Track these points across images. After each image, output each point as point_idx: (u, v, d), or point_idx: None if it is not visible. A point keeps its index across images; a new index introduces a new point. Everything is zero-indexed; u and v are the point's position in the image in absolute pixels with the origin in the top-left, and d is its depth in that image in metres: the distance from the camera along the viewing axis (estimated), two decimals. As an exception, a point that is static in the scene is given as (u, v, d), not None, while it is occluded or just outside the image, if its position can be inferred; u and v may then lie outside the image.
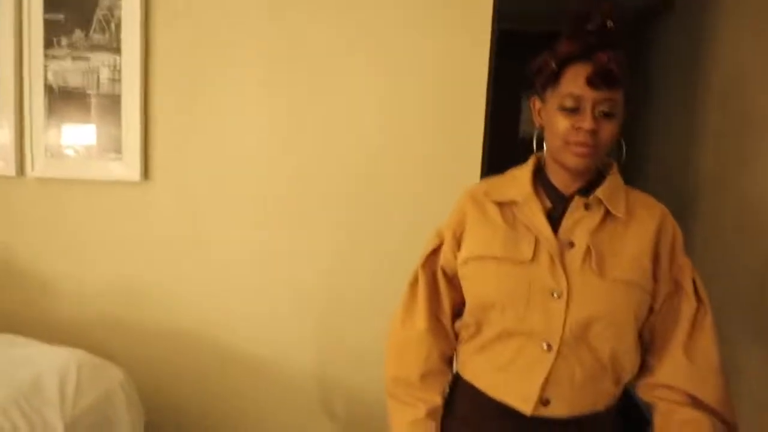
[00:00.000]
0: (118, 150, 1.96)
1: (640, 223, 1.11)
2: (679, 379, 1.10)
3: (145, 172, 1.98)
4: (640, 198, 1.16)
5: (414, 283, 1.25)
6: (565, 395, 1.09)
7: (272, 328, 2.02)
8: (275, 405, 2.04)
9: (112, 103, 1.93)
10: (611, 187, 1.11)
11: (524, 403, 1.09)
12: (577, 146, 1.05)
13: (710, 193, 2.37)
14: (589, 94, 1.02)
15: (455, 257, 1.19)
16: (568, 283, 1.06)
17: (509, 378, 1.11)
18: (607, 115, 1.04)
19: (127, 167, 1.96)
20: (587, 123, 1.02)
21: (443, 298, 1.23)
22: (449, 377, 1.26)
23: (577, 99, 1.04)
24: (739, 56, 2.17)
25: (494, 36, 1.86)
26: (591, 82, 1.02)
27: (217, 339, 2.03)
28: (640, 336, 1.14)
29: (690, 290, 1.11)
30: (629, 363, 1.12)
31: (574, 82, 1.04)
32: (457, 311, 1.24)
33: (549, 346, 1.07)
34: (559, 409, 1.09)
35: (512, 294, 1.09)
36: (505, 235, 1.12)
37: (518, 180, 1.17)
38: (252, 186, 1.97)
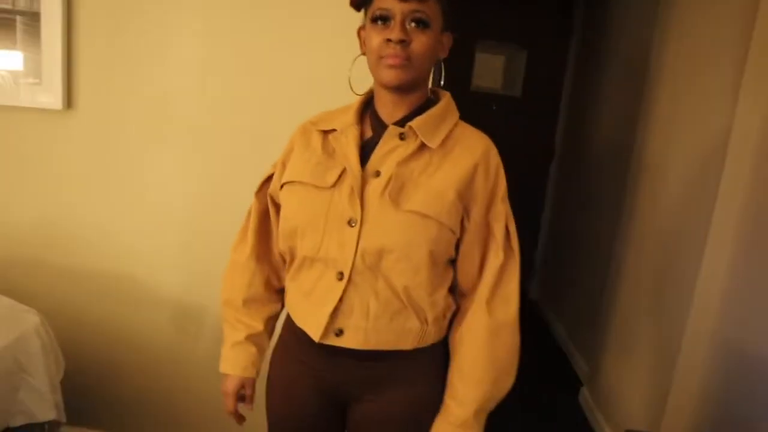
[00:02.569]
0: (37, 75, 1.79)
1: (457, 158, 1.08)
2: (478, 330, 1.11)
3: (68, 100, 1.82)
4: (468, 133, 1.13)
5: (249, 210, 1.26)
6: (359, 326, 1.08)
7: (198, 274, 1.91)
8: (196, 346, 1.96)
9: (34, 22, 1.75)
10: (431, 117, 1.08)
11: (316, 331, 1.09)
12: (388, 58, 1.02)
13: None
14: (397, 6, 1.01)
15: (280, 185, 1.18)
16: (363, 212, 1.04)
17: (309, 305, 1.12)
18: (420, 27, 1.02)
19: (48, 94, 1.79)
20: (396, 33, 1.00)
21: (274, 226, 1.23)
22: (278, 306, 1.27)
23: (387, 11, 1.02)
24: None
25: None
26: None
27: (138, 281, 1.93)
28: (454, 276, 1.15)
29: (500, 239, 1.10)
30: (427, 300, 1.09)
31: None
32: None
33: (341, 275, 1.06)
34: (353, 341, 1.08)
35: (311, 219, 1.08)
36: (317, 162, 1.10)
37: (348, 110, 1.14)
38: (181, 120, 1.83)
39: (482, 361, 1.10)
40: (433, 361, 1.17)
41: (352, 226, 1.04)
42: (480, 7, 3.73)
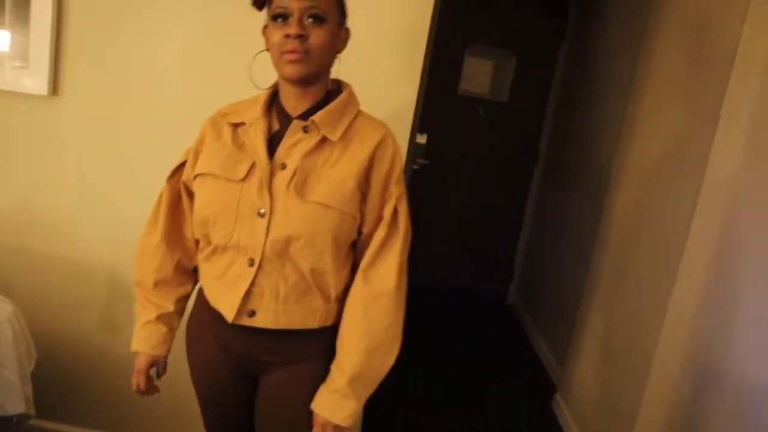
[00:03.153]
0: (24, 58, 1.75)
1: (356, 148, 1.16)
2: (355, 298, 1.19)
3: (54, 86, 1.79)
4: (367, 124, 1.20)
5: (161, 195, 1.31)
6: (269, 308, 1.17)
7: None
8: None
9: (23, 4, 1.71)
10: (332, 110, 1.16)
11: (229, 313, 1.18)
12: (288, 54, 1.09)
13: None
14: (294, 4, 1.08)
15: (193, 175, 1.24)
16: (271, 203, 1.12)
17: (221, 288, 1.20)
18: (316, 22, 1.09)
19: (34, 79, 1.76)
20: (293, 29, 1.07)
21: (187, 212, 1.29)
22: (188, 286, 1.33)
23: (285, 9, 1.09)
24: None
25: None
26: None
27: (119, 272, 1.91)
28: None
29: (387, 217, 1.18)
30: (333, 281, 1.19)
31: None
32: None
33: (252, 261, 1.14)
34: (264, 321, 1.18)
35: (223, 210, 1.15)
36: (228, 155, 1.17)
37: (256, 102, 1.21)
38: (166, 111, 1.80)
39: (357, 327, 1.18)
40: (333, 340, 1.24)
41: (262, 217, 1.12)
42: (471, 12, 3.74)
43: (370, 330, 1.17)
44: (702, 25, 2.06)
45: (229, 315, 1.18)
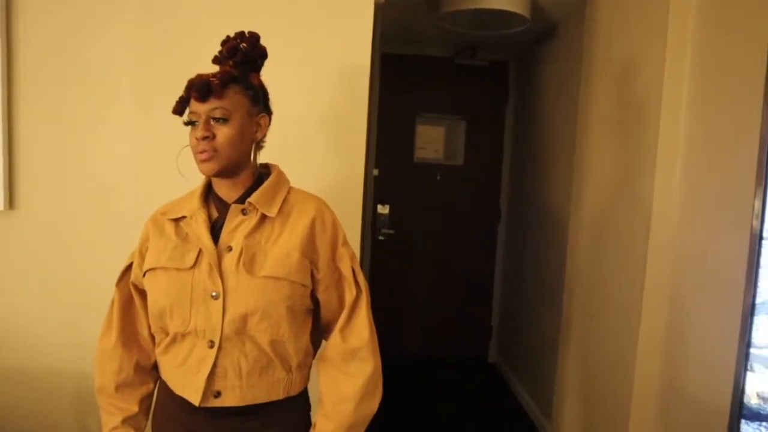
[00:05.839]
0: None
1: (294, 221, 1.23)
2: (336, 355, 1.26)
3: (10, 200, 1.81)
4: (301, 197, 1.29)
5: (112, 300, 1.33)
6: (234, 386, 1.20)
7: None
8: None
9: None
10: (265, 190, 1.23)
11: (195, 397, 1.20)
12: (199, 154, 1.17)
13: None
14: (200, 108, 1.17)
15: (142, 273, 1.28)
16: (223, 284, 1.17)
17: (185, 374, 1.22)
18: (220, 120, 1.17)
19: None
20: (199, 132, 1.16)
21: (140, 311, 1.32)
22: (150, 385, 1.34)
23: (194, 114, 1.18)
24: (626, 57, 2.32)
25: (375, 58, 1.87)
26: (195, 97, 1.17)
27: (87, 378, 1.83)
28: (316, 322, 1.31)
29: (350, 277, 1.26)
30: (293, 349, 1.23)
31: (192, 103, 1.19)
32: None
33: (212, 343, 1.18)
34: (230, 400, 1.20)
35: (177, 298, 1.19)
36: (174, 247, 1.22)
37: (192, 196, 1.28)
38: (123, 218, 1.84)
39: (341, 379, 1.24)
40: (301, 408, 1.31)
41: (216, 299, 1.17)
42: (420, 82, 3.91)
43: (354, 380, 1.24)
44: (625, 71, 2.20)
45: (195, 399, 1.19)
